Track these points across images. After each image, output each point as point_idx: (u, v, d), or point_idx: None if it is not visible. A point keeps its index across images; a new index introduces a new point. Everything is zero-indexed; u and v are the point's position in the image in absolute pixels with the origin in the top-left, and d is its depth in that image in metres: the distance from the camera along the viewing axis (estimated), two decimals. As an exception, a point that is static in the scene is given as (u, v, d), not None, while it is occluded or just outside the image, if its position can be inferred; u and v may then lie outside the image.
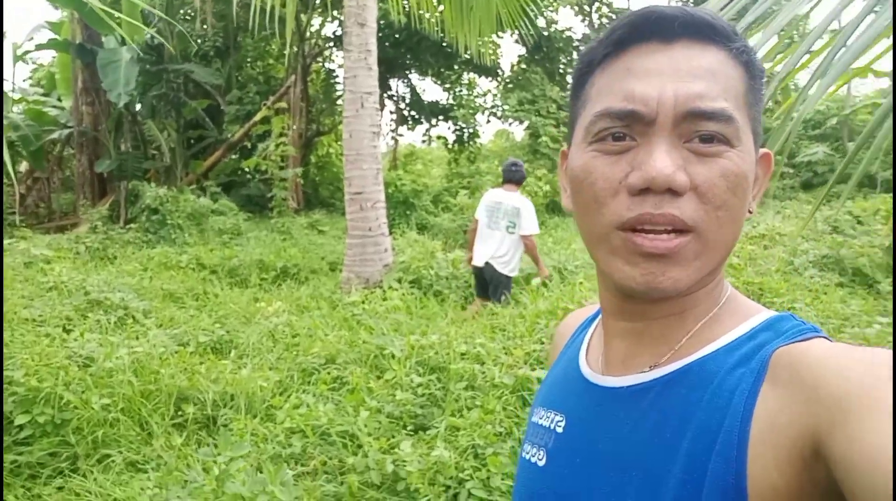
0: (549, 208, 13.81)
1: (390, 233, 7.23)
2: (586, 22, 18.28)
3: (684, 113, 0.57)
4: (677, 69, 0.58)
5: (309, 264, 8.03)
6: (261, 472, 2.73)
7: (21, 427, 3.03)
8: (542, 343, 3.96)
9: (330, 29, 16.92)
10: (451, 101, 19.46)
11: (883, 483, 0.43)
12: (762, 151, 0.65)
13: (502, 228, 5.14)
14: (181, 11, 14.99)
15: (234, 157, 16.31)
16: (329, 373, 4.00)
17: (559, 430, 0.71)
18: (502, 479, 2.75)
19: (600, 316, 0.77)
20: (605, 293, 0.70)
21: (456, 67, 17.56)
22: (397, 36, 15.01)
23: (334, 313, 5.60)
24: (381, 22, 13.99)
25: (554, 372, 0.82)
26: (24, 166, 14.32)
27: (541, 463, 0.71)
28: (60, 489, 2.87)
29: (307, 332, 4.91)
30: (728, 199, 0.58)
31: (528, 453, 0.75)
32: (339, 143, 19.65)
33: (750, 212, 0.63)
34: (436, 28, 14.69)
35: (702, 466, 0.55)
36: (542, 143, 13.49)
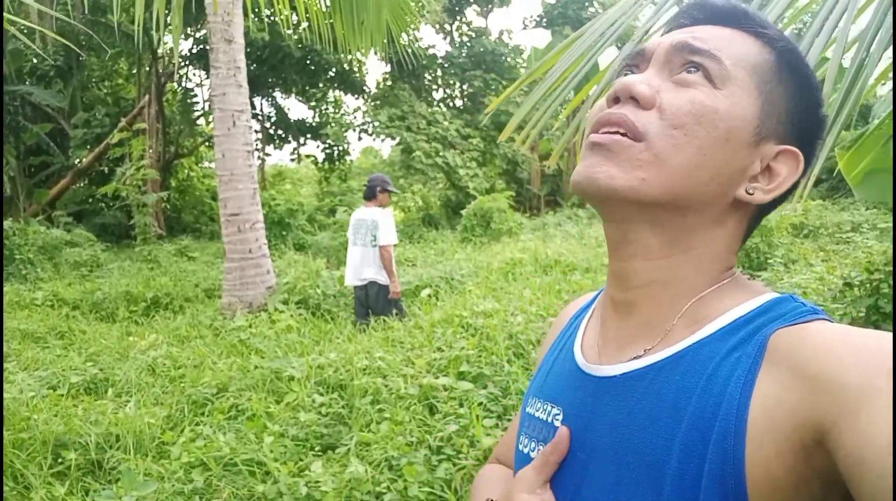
0: (425, 221, 14.01)
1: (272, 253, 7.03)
2: (448, 40, 18.81)
3: (675, 44, 0.63)
4: (690, 31, 0.65)
5: (182, 292, 7.61)
6: (165, 512, 2.56)
7: None
8: (442, 351, 4.02)
9: (185, 46, 16.18)
10: (317, 119, 19.27)
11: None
12: (788, 147, 0.63)
13: (367, 243, 5.23)
14: (14, 27, 13.73)
15: (83, 184, 15.14)
16: (224, 402, 3.82)
17: (557, 423, 0.68)
18: (420, 488, 2.76)
19: (596, 302, 0.78)
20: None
21: (321, 84, 17.42)
22: (259, 54, 14.65)
23: (219, 340, 5.35)
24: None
25: (549, 361, 0.79)
26: None
27: None
28: (-75, 561, 2.52)
29: (192, 362, 4.66)
30: (689, 122, 0.59)
31: (526, 447, 0.73)
32: (199, 166, 18.78)
33: (749, 194, 0.62)
34: (299, 45, 14.52)
35: (699, 457, 0.54)
36: (416, 158, 13.68)
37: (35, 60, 14.49)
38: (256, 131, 18.90)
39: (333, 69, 15.80)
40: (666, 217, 0.62)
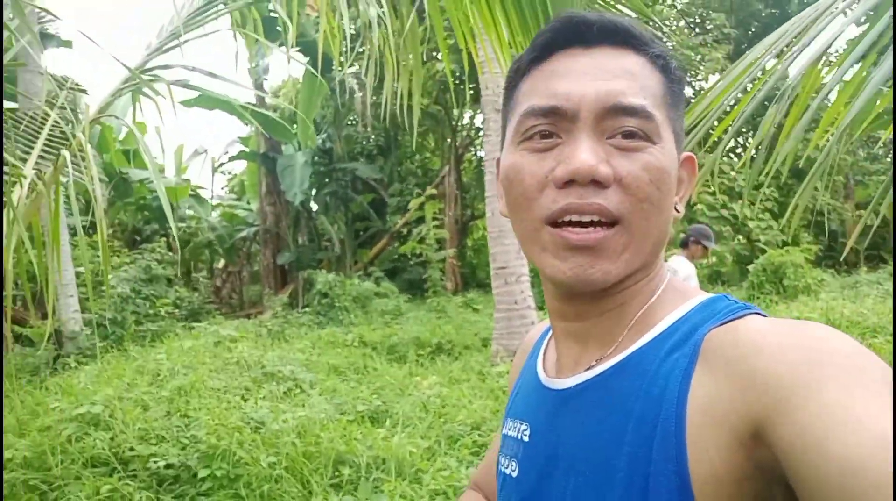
0: (711, 278, 13.13)
1: (540, 308, 7.33)
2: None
3: (606, 108, 0.60)
4: (598, 69, 0.61)
5: (462, 340, 8.29)
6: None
7: (203, 480, 3.46)
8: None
9: (480, 119, 17.89)
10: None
11: (834, 471, 0.42)
12: (685, 154, 0.67)
13: None
14: (348, 118, 16.70)
15: (395, 245, 17.46)
16: (473, 440, 4.12)
17: (525, 439, 0.71)
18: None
19: None
20: (547, 295, 0.70)
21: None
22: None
23: (483, 384, 5.75)
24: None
25: (519, 383, 0.83)
26: (220, 263, 16.33)
27: (514, 475, 0.71)
28: (233, 535, 3.21)
29: (456, 402, 5.09)
30: (651, 192, 0.59)
31: (503, 465, 0.75)
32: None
33: (678, 211, 0.65)
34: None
35: (645, 459, 0.55)
36: (698, 211, 13.03)
37: (364, 142, 17.37)
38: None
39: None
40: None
